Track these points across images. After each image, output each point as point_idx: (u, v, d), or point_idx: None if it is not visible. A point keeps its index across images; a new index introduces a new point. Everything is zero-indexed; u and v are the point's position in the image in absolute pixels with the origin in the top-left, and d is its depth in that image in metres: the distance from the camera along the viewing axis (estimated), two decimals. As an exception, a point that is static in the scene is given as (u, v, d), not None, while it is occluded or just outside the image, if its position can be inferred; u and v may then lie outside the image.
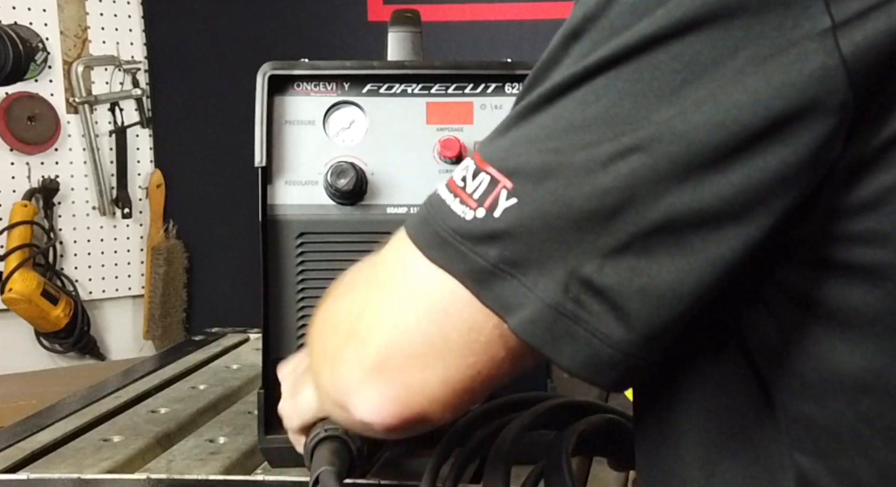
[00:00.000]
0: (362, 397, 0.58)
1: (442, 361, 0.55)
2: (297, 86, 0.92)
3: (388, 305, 0.57)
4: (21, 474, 0.91)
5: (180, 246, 2.73)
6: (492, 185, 0.52)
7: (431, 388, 0.56)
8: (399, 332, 0.56)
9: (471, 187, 0.53)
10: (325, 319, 0.64)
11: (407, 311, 0.55)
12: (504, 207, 0.52)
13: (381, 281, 0.58)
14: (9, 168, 2.55)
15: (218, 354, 1.37)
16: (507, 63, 0.92)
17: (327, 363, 0.62)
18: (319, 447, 0.75)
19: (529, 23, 2.49)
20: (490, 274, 0.52)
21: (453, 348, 0.54)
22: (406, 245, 0.56)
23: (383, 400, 0.57)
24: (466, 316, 0.54)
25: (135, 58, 2.70)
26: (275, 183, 0.91)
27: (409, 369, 0.56)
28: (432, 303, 0.55)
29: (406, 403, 0.57)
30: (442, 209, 0.54)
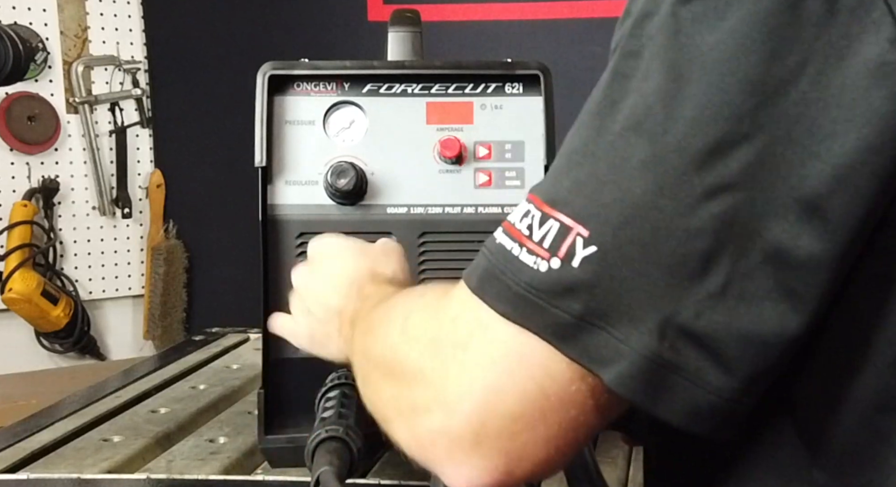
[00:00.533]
0: (459, 471, 0.53)
1: (543, 420, 0.51)
2: (297, 86, 0.92)
3: (474, 368, 0.52)
4: (21, 474, 0.91)
5: (180, 247, 2.73)
6: (564, 232, 0.49)
7: (535, 450, 0.52)
8: (493, 396, 0.51)
9: (538, 235, 0.50)
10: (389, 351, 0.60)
11: (497, 372, 0.51)
12: (582, 257, 0.48)
13: (457, 342, 0.53)
14: (9, 168, 2.55)
15: (218, 354, 1.37)
16: (507, 63, 0.92)
17: (403, 418, 0.57)
18: (320, 447, 0.75)
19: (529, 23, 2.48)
20: (576, 329, 0.49)
21: (553, 404, 0.51)
22: (472, 301, 0.52)
23: (483, 473, 0.52)
24: (562, 369, 0.50)
25: (135, 58, 2.70)
26: (275, 183, 0.91)
27: (509, 433, 0.51)
28: (523, 361, 0.50)
29: (509, 471, 0.52)
30: (508, 260, 0.51)
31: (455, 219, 0.92)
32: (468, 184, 0.92)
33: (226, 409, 1.11)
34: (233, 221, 2.56)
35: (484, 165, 0.92)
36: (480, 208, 0.92)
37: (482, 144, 0.92)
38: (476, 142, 0.92)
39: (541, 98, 0.92)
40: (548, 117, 0.91)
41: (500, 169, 0.92)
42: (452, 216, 0.92)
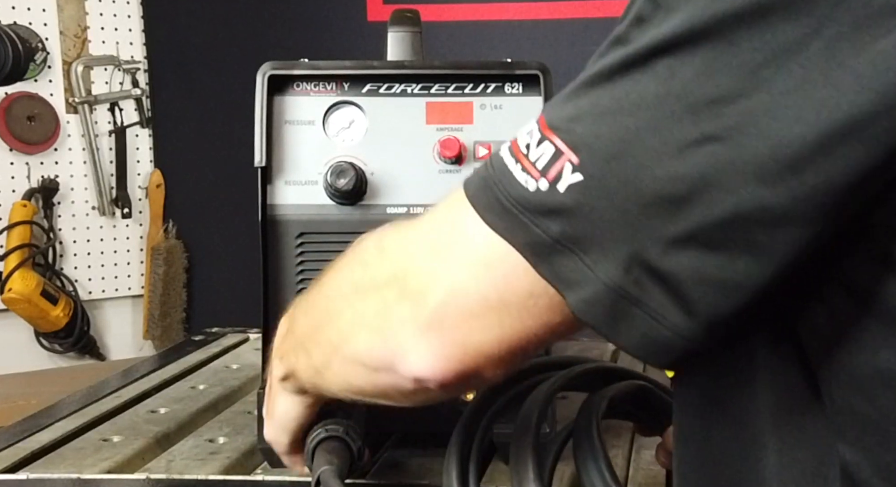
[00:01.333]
0: (417, 353, 0.57)
1: (499, 323, 0.55)
2: (297, 86, 0.92)
3: (444, 265, 0.56)
4: (21, 474, 0.91)
5: (180, 246, 2.73)
6: (556, 157, 0.51)
7: (488, 347, 0.56)
8: (457, 292, 0.55)
9: (534, 155, 0.52)
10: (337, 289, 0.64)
11: (466, 273, 0.55)
12: (569, 183, 0.51)
13: (433, 242, 0.58)
14: (8, 168, 2.55)
15: (218, 354, 1.37)
16: (507, 63, 0.92)
17: (365, 327, 0.61)
18: (320, 447, 0.75)
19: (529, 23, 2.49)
20: (550, 249, 0.52)
21: (511, 311, 0.55)
22: (463, 206, 0.55)
23: (438, 357, 0.57)
24: (526, 283, 0.53)
25: (134, 58, 2.70)
26: (274, 183, 0.91)
27: (467, 329, 0.56)
28: (491, 267, 0.54)
29: (461, 360, 0.57)
30: (504, 174, 0.53)
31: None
32: (468, 184, 0.92)
33: (225, 409, 1.11)
34: (232, 221, 2.56)
35: (484, 165, 0.92)
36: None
37: (482, 144, 0.92)
38: (476, 142, 0.92)
39: (540, 98, 0.92)
40: (547, 117, 0.91)
41: (500, 169, 0.92)
42: (452, 216, 0.92)
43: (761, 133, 0.47)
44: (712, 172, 0.48)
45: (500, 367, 0.59)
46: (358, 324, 0.62)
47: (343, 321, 0.64)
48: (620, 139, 0.50)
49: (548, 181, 0.51)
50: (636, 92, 0.50)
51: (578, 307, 0.52)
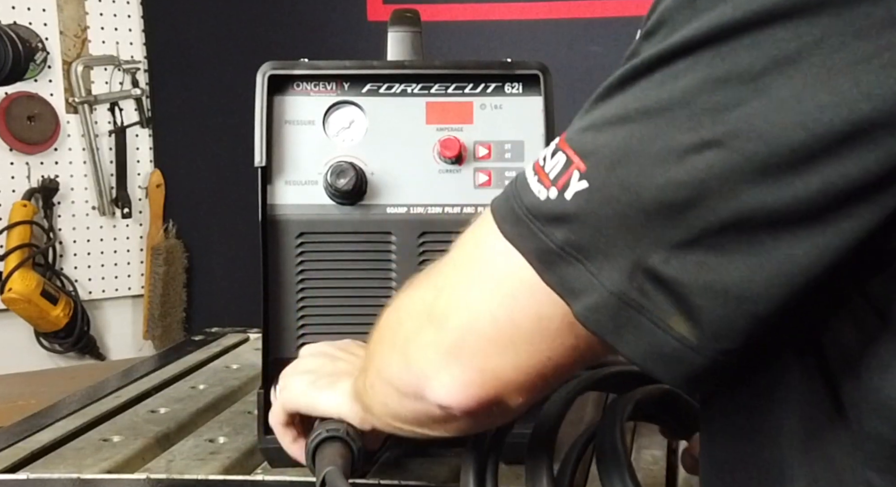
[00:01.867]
0: (440, 380, 0.57)
1: (513, 347, 0.55)
2: (297, 86, 0.92)
3: (464, 287, 0.57)
4: (21, 474, 0.91)
5: (180, 246, 2.73)
6: (566, 166, 0.52)
7: (505, 373, 0.56)
8: (473, 316, 0.56)
9: (549, 166, 0.53)
10: (395, 311, 0.64)
11: (481, 294, 0.56)
12: (575, 190, 0.51)
13: (458, 263, 0.58)
14: (8, 168, 2.55)
15: (218, 354, 1.37)
16: (507, 63, 0.92)
17: (397, 351, 0.61)
18: (321, 447, 0.75)
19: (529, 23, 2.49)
20: (556, 256, 0.52)
21: (524, 335, 0.55)
22: (487, 223, 0.56)
23: (459, 384, 0.57)
24: (535, 303, 0.54)
25: (134, 57, 2.70)
26: (275, 183, 0.91)
27: (484, 354, 0.56)
28: (502, 287, 0.55)
29: (482, 386, 0.56)
30: (522, 186, 0.54)
31: (455, 219, 0.92)
32: (468, 183, 0.92)
33: (225, 409, 1.11)
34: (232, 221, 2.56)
35: (484, 165, 0.92)
36: (480, 208, 0.92)
37: (482, 144, 0.92)
38: (476, 142, 0.92)
39: (540, 98, 0.92)
40: (547, 117, 0.91)
41: (500, 169, 0.92)
42: (452, 216, 0.92)
43: (760, 137, 0.47)
44: (712, 177, 0.48)
45: (523, 395, 0.58)
46: (394, 348, 0.62)
47: (385, 344, 0.64)
48: (624, 146, 0.50)
49: (557, 189, 0.52)
50: (641, 100, 0.51)
51: (583, 315, 0.52)
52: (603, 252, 0.51)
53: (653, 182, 0.49)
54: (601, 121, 0.52)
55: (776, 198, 0.47)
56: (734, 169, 0.48)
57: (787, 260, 0.48)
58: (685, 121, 0.49)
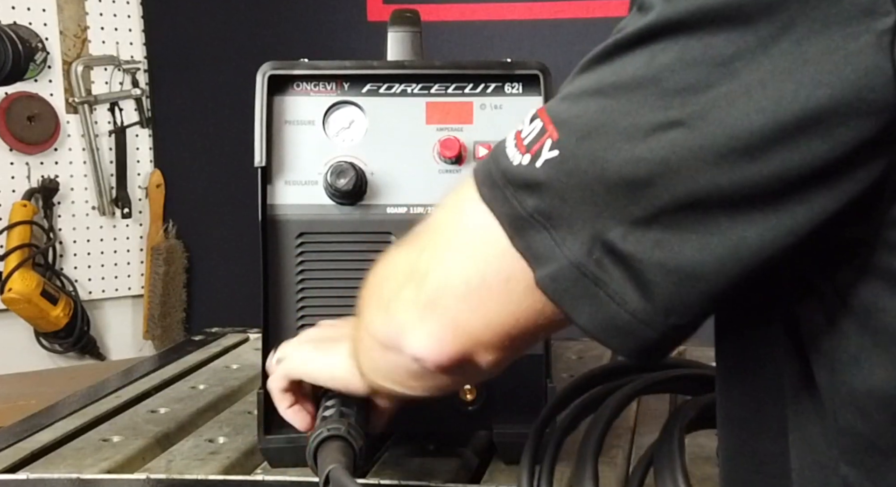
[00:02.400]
0: (415, 333, 0.60)
1: (483, 306, 0.57)
2: (297, 86, 0.92)
3: (443, 247, 0.59)
4: (21, 474, 0.91)
5: (180, 246, 2.73)
6: (541, 133, 0.53)
7: (475, 330, 0.58)
8: (449, 275, 0.58)
9: (525, 132, 0.54)
10: (382, 269, 0.66)
11: (457, 254, 0.58)
12: (546, 158, 0.52)
13: (439, 224, 0.60)
14: (8, 168, 2.55)
15: (218, 354, 1.37)
16: (507, 63, 0.92)
17: (382, 306, 0.63)
18: (323, 446, 0.75)
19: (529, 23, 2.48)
20: (525, 222, 0.53)
21: (493, 296, 0.56)
22: (468, 186, 0.57)
23: (433, 338, 0.59)
24: (505, 265, 0.55)
25: (134, 58, 2.70)
26: (274, 183, 0.91)
27: (456, 310, 0.58)
28: (476, 248, 0.56)
29: (453, 342, 0.58)
30: (500, 150, 0.56)
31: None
32: (468, 183, 0.92)
33: (225, 409, 1.11)
34: (232, 221, 2.56)
35: (484, 165, 0.92)
36: (480, 208, 0.92)
37: (482, 144, 0.92)
38: (476, 142, 0.92)
39: (540, 98, 0.92)
40: (547, 117, 0.91)
41: (500, 169, 0.92)
42: (452, 216, 0.92)
43: (721, 121, 0.48)
44: (673, 157, 0.49)
45: (492, 353, 0.59)
46: (379, 303, 0.64)
47: (372, 299, 0.66)
48: (595, 119, 0.51)
49: (530, 155, 0.53)
50: (616, 75, 0.52)
51: (543, 282, 0.53)
52: (567, 222, 0.52)
53: (618, 157, 0.50)
54: (578, 91, 0.53)
55: (732, 182, 0.48)
56: (694, 150, 0.49)
57: (739, 242, 0.49)
58: (654, 100, 0.50)
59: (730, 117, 0.48)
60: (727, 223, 0.49)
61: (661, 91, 0.50)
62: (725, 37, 0.48)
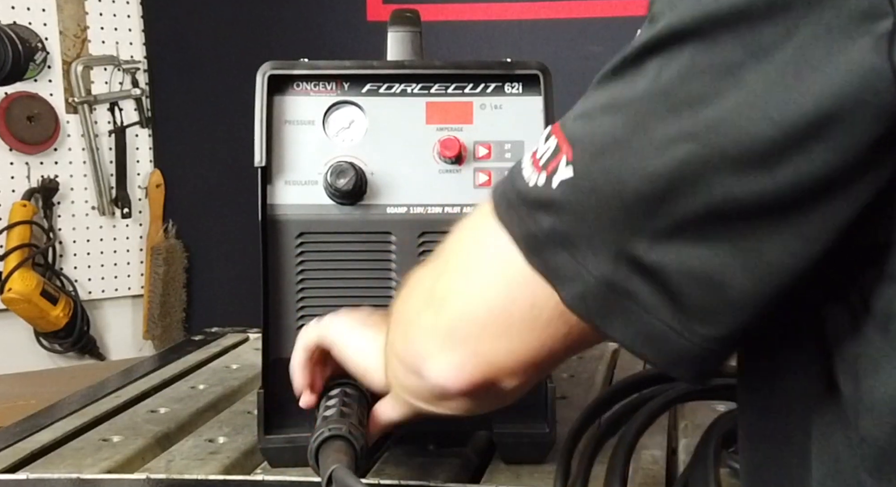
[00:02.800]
0: (436, 362, 0.59)
1: (507, 334, 0.56)
2: (297, 85, 0.92)
3: (461, 272, 0.59)
4: (20, 474, 0.91)
5: (180, 246, 2.73)
6: (556, 152, 0.53)
7: (498, 359, 0.57)
8: (468, 302, 0.57)
9: (541, 151, 0.55)
10: (407, 287, 0.66)
11: (476, 280, 0.57)
12: (561, 178, 0.52)
13: (457, 247, 0.60)
14: (8, 168, 2.55)
15: (218, 354, 1.37)
16: (507, 63, 0.92)
17: (402, 329, 0.64)
18: (324, 446, 0.75)
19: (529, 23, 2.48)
20: (544, 244, 0.53)
21: (516, 322, 0.56)
22: (485, 206, 0.57)
23: (453, 367, 0.59)
24: (527, 290, 0.55)
25: (134, 57, 2.70)
26: (274, 183, 0.91)
27: (478, 339, 0.57)
28: (496, 273, 0.56)
29: (475, 370, 0.58)
30: (517, 170, 0.56)
31: (455, 219, 0.90)
32: (468, 183, 0.92)
33: (225, 409, 1.11)
34: (232, 221, 2.56)
35: (483, 165, 0.92)
36: (480, 208, 0.92)
37: (482, 144, 0.92)
38: (476, 142, 0.92)
39: (540, 98, 0.92)
40: (547, 117, 0.91)
41: (500, 169, 0.92)
42: (452, 216, 0.92)
43: (732, 131, 0.48)
44: (689, 168, 0.49)
45: (516, 379, 0.59)
46: (399, 325, 0.64)
47: (395, 319, 0.66)
48: (610, 135, 0.51)
49: (546, 175, 0.53)
50: (628, 89, 0.52)
51: (573, 302, 0.53)
52: (587, 240, 0.52)
53: (634, 172, 0.50)
54: (591, 108, 0.53)
55: (747, 191, 0.48)
56: (707, 162, 0.49)
57: (761, 250, 0.50)
58: (667, 113, 0.50)
59: (739, 127, 0.48)
60: (748, 231, 0.49)
61: (671, 103, 0.50)
62: (731, 44, 0.48)
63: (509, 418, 0.92)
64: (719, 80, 0.48)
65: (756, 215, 0.49)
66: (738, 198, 0.49)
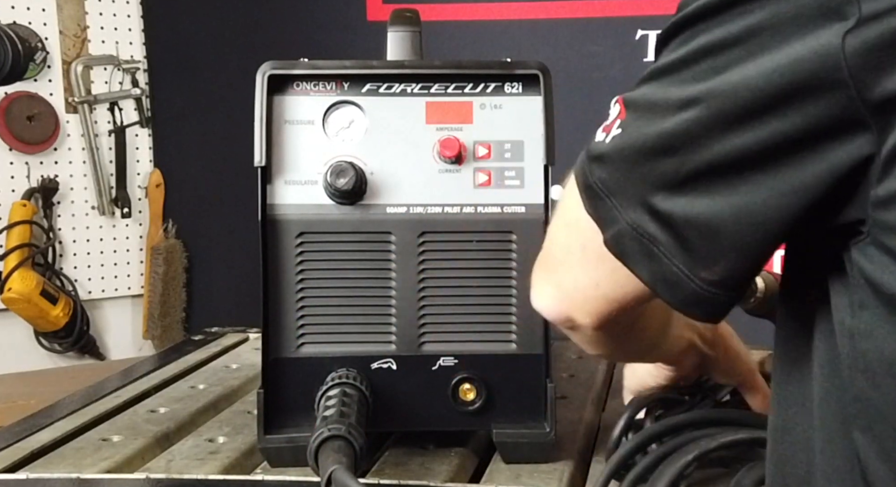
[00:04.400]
0: (536, 290, 0.72)
1: (571, 270, 0.69)
2: (297, 85, 0.92)
3: (555, 217, 0.71)
4: (20, 474, 0.91)
5: (180, 246, 2.73)
6: (617, 114, 0.62)
7: (570, 291, 0.69)
8: (553, 242, 0.71)
9: (610, 117, 0.63)
10: None
11: (557, 223, 0.70)
12: (613, 135, 0.62)
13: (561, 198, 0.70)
14: (8, 168, 2.54)
15: (217, 354, 1.37)
16: (507, 63, 0.93)
17: None
18: (324, 446, 0.75)
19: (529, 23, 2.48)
20: (595, 191, 0.62)
21: (578, 259, 0.67)
22: None
23: (542, 294, 0.72)
24: (582, 231, 0.65)
25: (134, 57, 2.69)
26: (274, 182, 0.91)
27: (556, 273, 0.70)
28: (567, 217, 0.68)
29: (555, 299, 0.70)
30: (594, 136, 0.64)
31: (455, 219, 0.92)
32: (468, 183, 0.92)
33: (225, 409, 1.11)
34: (232, 221, 2.56)
35: (483, 165, 0.92)
36: (480, 208, 0.92)
37: (481, 144, 0.92)
38: (475, 142, 0.92)
39: (540, 98, 0.92)
40: (547, 117, 0.92)
41: (500, 168, 0.92)
42: (452, 216, 0.92)
43: (725, 94, 0.56)
44: (693, 127, 0.57)
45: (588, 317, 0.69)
46: None
47: None
48: (646, 99, 0.61)
49: (605, 133, 0.63)
50: (667, 59, 0.60)
51: (610, 242, 0.62)
52: (622, 189, 0.61)
53: (656, 130, 0.59)
54: (644, 77, 0.62)
55: (736, 147, 0.56)
56: (708, 121, 0.57)
57: (748, 199, 0.57)
58: (685, 81, 0.58)
59: (733, 95, 0.56)
60: (739, 183, 0.57)
61: (692, 72, 0.58)
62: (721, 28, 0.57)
63: (509, 418, 0.92)
64: (716, 55, 0.57)
65: (744, 167, 0.57)
66: (730, 153, 0.56)
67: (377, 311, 0.92)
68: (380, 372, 0.91)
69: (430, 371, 0.92)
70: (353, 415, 0.80)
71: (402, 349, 0.92)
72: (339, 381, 0.87)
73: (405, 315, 0.92)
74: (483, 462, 0.95)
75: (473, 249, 0.92)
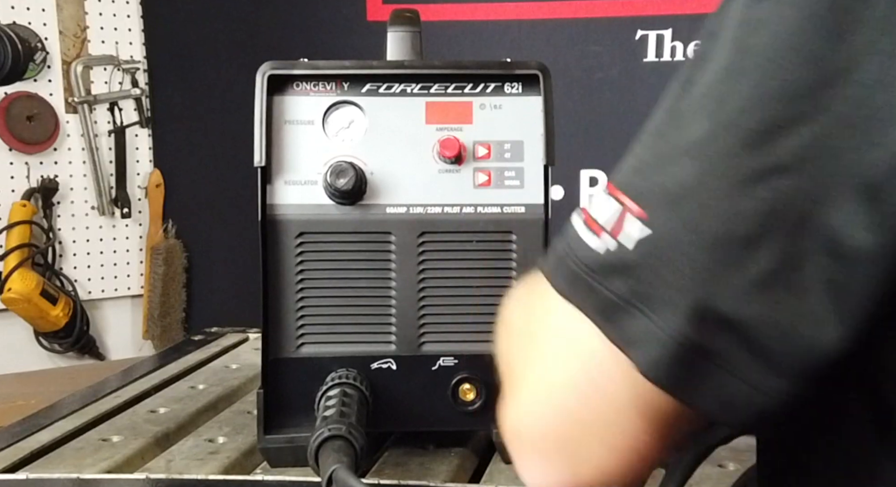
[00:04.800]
0: (528, 472, 0.53)
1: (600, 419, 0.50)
2: (297, 85, 0.92)
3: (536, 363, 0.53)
4: (20, 474, 0.91)
5: (179, 246, 2.73)
6: (621, 213, 0.48)
7: (596, 454, 0.51)
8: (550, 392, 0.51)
9: (597, 212, 0.50)
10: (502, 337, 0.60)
11: (554, 366, 0.51)
12: (637, 238, 0.47)
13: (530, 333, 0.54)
14: (8, 168, 2.54)
15: (217, 354, 1.37)
16: (507, 63, 0.93)
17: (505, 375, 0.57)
18: (324, 446, 0.75)
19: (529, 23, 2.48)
20: (618, 310, 0.48)
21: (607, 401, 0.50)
22: (547, 287, 0.51)
23: (548, 477, 0.52)
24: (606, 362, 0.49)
25: (134, 57, 2.70)
26: (274, 182, 0.91)
27: (567, 436, 0.51)
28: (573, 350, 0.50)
29: (572, 475, 0.51)
30: (574, 239, 0.50)
31: (454, 219, 0.92)
32: (467, 183, 0.92)
33: (225, 409, 1.11)
34: (232, 221, 2.56)
35: (483, 165, 0.92)
36: (480, 208, 0.92)
37: (481, 144, 0.92)
38: (475, 142, 0.92)
39: (540, 98, 0.92)
40: (547, 117, 0.91)
41: (500, 168, 0.92)
42: (452, 216, 0.92)
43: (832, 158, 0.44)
44: (782, 206, 0.44)
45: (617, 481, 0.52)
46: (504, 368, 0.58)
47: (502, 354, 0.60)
48: (681, 183, 0.47)
49: (615, 239, 0.48)
50: (693, 133, 0.47)
51: (648, 368, 0.47)
52: (665, 298, 0.47)
53: (715, 216, 0.46)
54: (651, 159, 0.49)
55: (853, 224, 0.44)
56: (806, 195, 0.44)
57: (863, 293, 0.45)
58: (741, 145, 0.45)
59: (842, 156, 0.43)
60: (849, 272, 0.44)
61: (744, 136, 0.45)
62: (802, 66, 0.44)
63: None
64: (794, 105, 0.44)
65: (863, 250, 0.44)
66: (847, 232, 0.43)
67: (377, 311, 0.92)
68: (380, 372, 0.91)
69: (430, 371, 0.92)
70: (354, 415, 0.80)
71: (402, 349, 0.92)
72: (339, 381, 0.87)
73: (405, 315, 0.92)
74: (483, 462, 0.95)
75: (473, 249, 0.92)
